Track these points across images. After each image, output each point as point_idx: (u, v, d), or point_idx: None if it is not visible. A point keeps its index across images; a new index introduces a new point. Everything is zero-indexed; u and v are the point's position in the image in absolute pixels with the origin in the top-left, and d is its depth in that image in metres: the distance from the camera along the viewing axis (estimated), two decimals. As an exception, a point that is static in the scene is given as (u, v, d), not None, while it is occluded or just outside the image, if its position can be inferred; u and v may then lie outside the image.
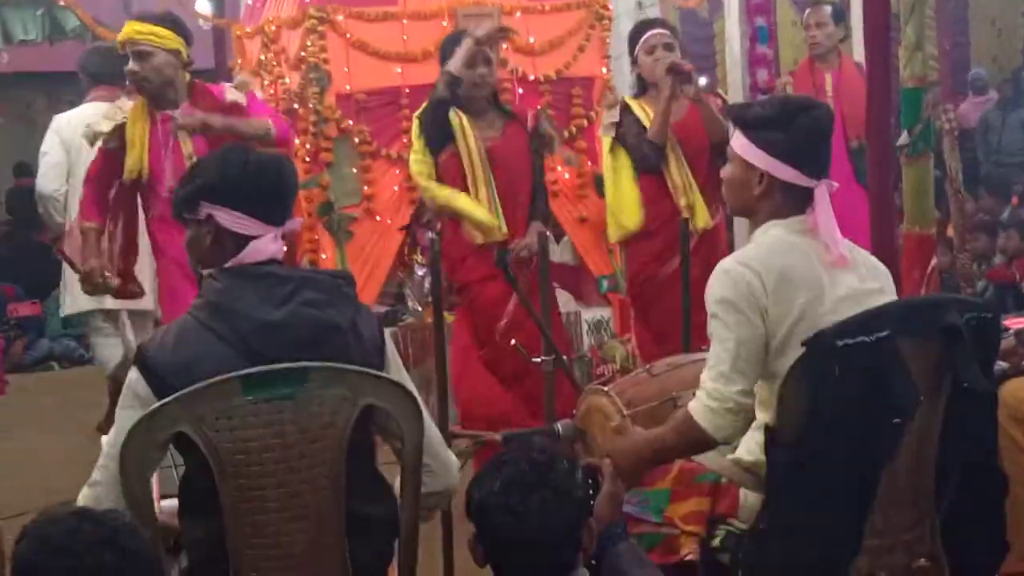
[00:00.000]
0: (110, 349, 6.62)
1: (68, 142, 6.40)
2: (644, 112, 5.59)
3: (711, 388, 2.98)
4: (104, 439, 2.91)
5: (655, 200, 5.62)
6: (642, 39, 5.62)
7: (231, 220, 2.91)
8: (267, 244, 2.91)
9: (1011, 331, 4.37)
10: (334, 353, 2.83)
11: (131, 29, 4.99)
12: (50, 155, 6.49)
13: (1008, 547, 3.12)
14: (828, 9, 6.95)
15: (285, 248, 3.01)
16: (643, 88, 5.69)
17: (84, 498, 2.85)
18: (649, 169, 5.61)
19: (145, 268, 5.89)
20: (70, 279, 6.45)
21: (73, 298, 6.64)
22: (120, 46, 5.01)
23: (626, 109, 5.63)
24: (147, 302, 6.04)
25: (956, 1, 13.34)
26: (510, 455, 2.71)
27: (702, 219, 5.65)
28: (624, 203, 5.71)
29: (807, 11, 7.23)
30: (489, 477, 2.66)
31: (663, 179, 5.62)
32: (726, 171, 3.20)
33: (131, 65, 4.97)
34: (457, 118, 5.21)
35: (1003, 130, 12.16)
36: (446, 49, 5.35)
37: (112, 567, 2.22)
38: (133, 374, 2.83)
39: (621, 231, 5.78)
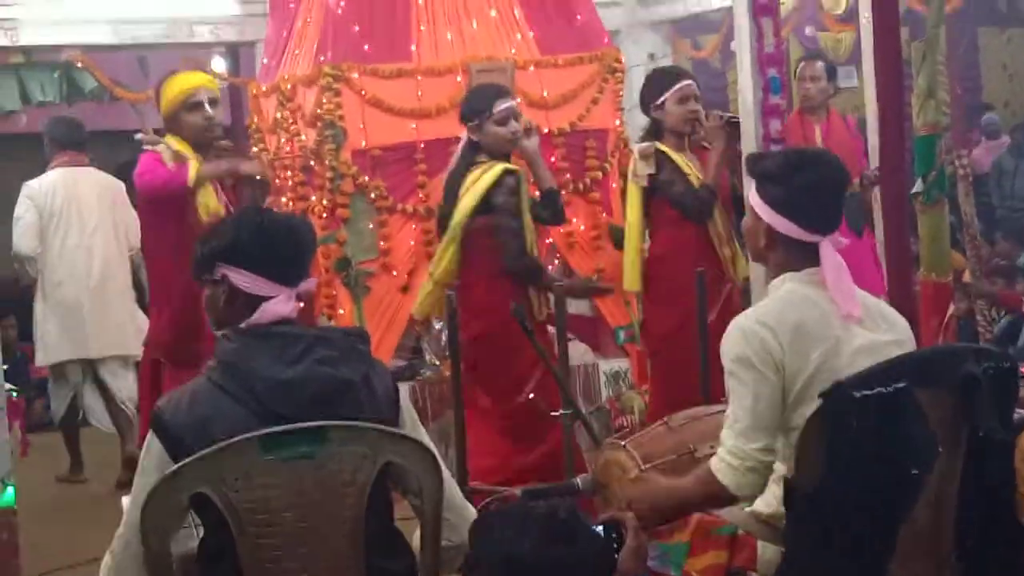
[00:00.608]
0: (59, 402, 7.31)
1: (41, 207, 7.08)
2: (681, 160, 5.61)
3: (732, 446, 2.99)
4: (124, 500, 2.91)
5: (701, 252, 5.58)
6: (675, 88, 5.62)
7: (244, 281, 2.93)
8: (280, 305, 2.92)
9: None
10: (348, 410, 2.84)
11: (204, 78, 5.18)
12: (25, 218, 7.11)
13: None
14: (820, 64, 7.13)
15: (302, 304, 3.03)
16: (658, 133, 5.69)
17: (105, 567, 2.86)
18: (700, 219, 5.59)
19: (127, 310, 7.11)
20: (42, 331, 7.18)
21: (46, 349, 7.22)
22: (188, 94, 4.99)
23: (664, 157, 5.61)
24: (130, 347, 6.86)
25: (967, 46, 13.37)
26: (528, 510, 2.68)
27: (743, 271, 5.66)
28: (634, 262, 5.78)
29: (801, 64, 7.39)
30: (518, 532, 2.62)
31: (705, 230, 5.61)
32: (745, 220, 3.26)
33: (208, 111, 4.98)
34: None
35: (1016, 175, 12.15)
36: (476, 102, 5.42)
37: None
38: (149, 437, 2.85)
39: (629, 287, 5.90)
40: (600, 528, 2.97)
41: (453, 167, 5.48)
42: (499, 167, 5.28)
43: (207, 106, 4.97)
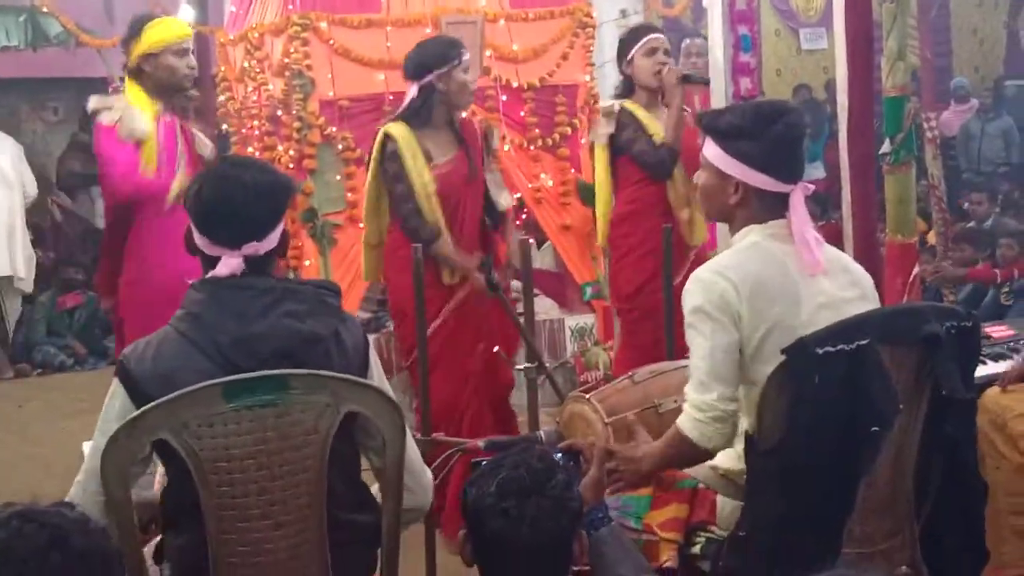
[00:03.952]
0: None
1: None
2: (646, 117, 5.56)
3: (694, 399, 2.98)
4: (86, 446, 2.90)
5: (660, 212, 5.53)
6: (641, 41, 5.56)
7: (196, 236, 2.94)
8: (221, 269, 2.88)
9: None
10: (315, 365, 2.82)
11: (188, 29, 5.19)
12: None
13: (988, 555, 3.13)
14: (701, 41, 7.31)
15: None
16: (629, 90, 5.65)
17: None
18: (660, 177, 5.55)
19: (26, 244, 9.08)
20: None
21: None
22: (181, 39, 5.03)
23: (628, 115, 5.56)
24: (20, 271, 9.08)
25: (938, 11, 13.38)
26: (510, 459, 2.68)
27: (700, 235, 5.63)
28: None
29: (686, 42, 7.48)
30: (487, 479, 2.63)
31: (664, 190, 5.58)
32: (700, 178, 3.20)
33: (191, 59, 5.07)
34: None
35: (983, 138, 12.23)
36: (429, 53, 5.27)
37: (61, 569, 2.08)
38: (114, 385, 2.84)
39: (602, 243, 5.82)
40: (559, 456, 2.97)
41: None
42: (381, 132, 5.12)
43: (191, 55, 5.08)
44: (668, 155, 5.47)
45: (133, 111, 4.92)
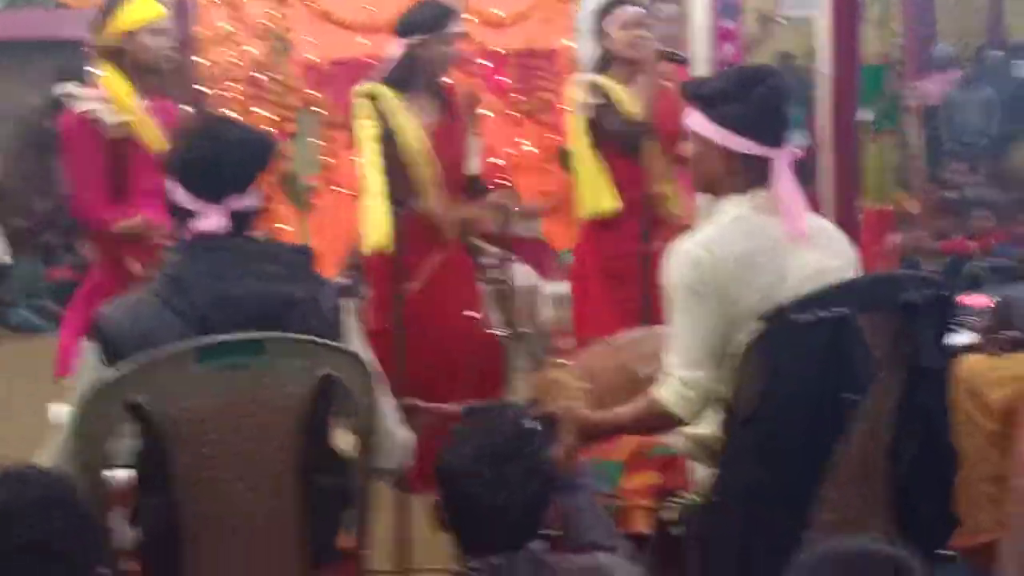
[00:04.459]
0: None
1: None
2: (621, 91, 5.50)
3: (683, 375, 2.97)
4: (51, 408, 2.88)
5: (631, 184, 5.39)
6: (615, 13, 5.52)
7: (174, 192, 2.90)
8: (202, 224, 2.85)
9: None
10: (292, 329, 2.80)
11: (163, 8, 5.03)
12: None
13: (958, 522, 3.14)
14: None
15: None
16: (607, 63, 5.60)
17: None
18: (631, 151, 5.49)
19: None
20: None
21: None
22: (159, 18, 4.92)
23: (599, 89, 5.47)
24: None
25: (922, -20, 13.37)
26: (486, 424, 2.69)
27: (677, 205, 5.56)
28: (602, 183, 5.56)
29: (658, 5, 7.32)
30: (462, 443, 2.64)
31: (637, 163, 5.51)
32: (687, 149, 3.18)
33: (169, 39, 4.98)
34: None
35: (966, 107, 12.22)
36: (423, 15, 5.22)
37: (51, 530, 2.11)
38: (87, 345, 2.81)
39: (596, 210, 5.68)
40: (534, 422, 2.96)
41: None
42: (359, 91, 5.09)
43: (167, 37, 4.99)
44: (637, 129, 5.38)
45: (109, 106, 4.82)
